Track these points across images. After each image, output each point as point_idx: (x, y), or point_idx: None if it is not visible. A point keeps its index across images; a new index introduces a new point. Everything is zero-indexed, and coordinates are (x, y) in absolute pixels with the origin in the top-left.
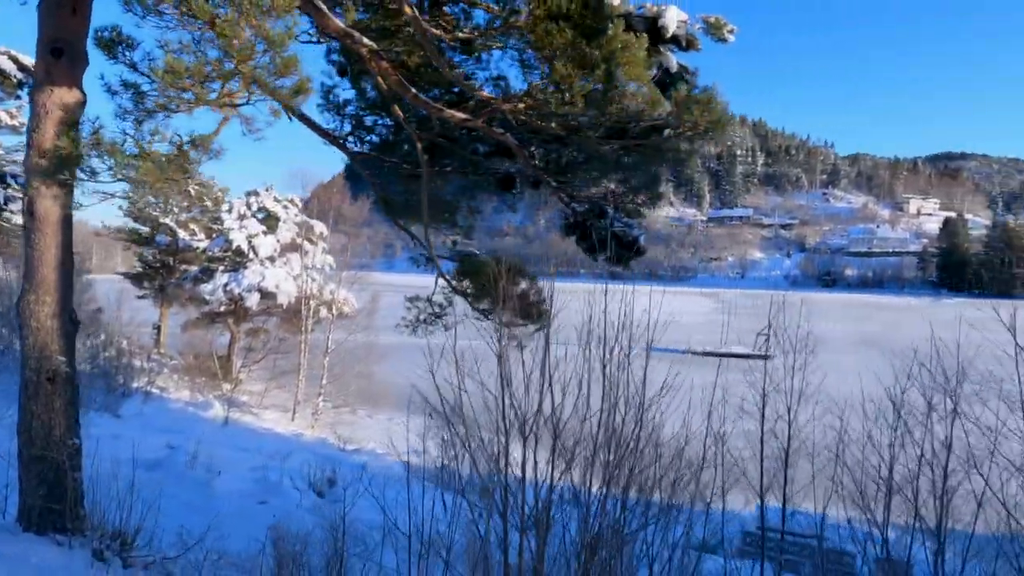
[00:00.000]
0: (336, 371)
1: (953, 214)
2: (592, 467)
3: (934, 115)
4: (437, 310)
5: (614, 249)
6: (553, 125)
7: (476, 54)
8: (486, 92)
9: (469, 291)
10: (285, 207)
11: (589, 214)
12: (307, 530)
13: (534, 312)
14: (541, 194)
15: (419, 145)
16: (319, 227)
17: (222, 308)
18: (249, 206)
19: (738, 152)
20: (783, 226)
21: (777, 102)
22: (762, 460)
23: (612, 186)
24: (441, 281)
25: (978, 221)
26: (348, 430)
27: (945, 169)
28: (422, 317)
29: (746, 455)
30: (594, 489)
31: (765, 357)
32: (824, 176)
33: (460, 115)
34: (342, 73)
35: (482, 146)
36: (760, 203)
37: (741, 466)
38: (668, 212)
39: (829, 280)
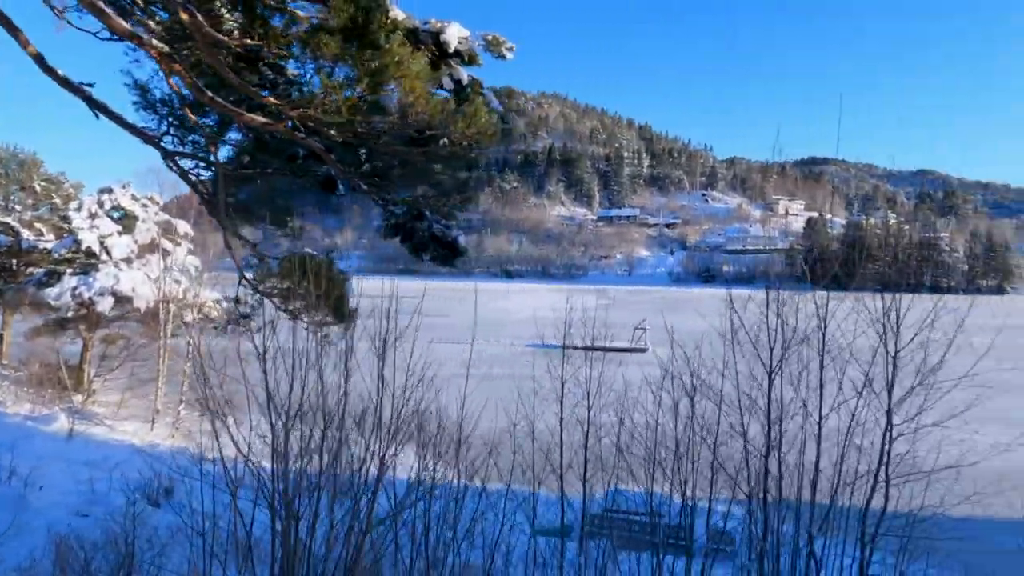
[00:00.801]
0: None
1: (815, 214)
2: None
3: (799, 122)
4: (247, 311)
5: (437, 249)
6: (333, 132)
7: (275, 61)
8: (284, 98)
9: (275, 292)
10: (144, 206)
11: (407, 216)
12: (100, 538)
13: (343, 312)
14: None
15: (213, 147)
16: (183, 226)
17: (71, 314)
18: (102, 204)
19: (625, 154)
20: (667, 225)
21: (662, 107)
22: (561, 444)
23: (424, 190)
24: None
25: (836, 221)
26: (211, 438)
27: (809, 173)
28: (230, 318)
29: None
30: (365, 472)
31: (641, 350)
32: (704, 178)
33: (260, 119)
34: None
35: (302, 149)
36: (646, 203)
37: (545, 451)
38: (560, 211)
39: (708, 276)
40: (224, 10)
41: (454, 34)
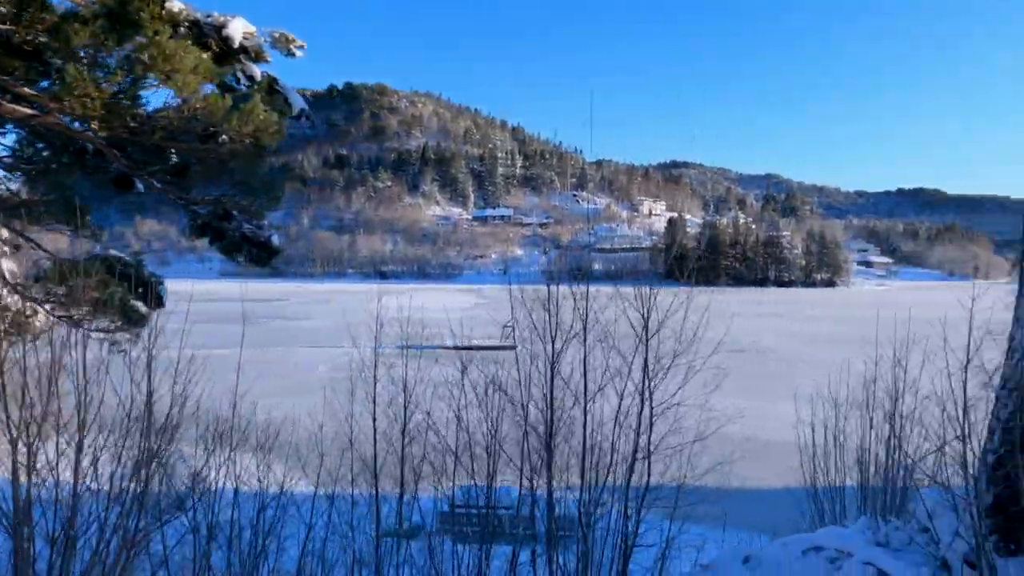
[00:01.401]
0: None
1: (675, 214)
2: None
3: (661, 127)
4: (20, 319)
5: (251, 250)
6: (95, 126)
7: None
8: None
9: (49, 297)
10: None
11: (212, 216)
12: None
13: (134, 315)
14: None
15: None
16: None
17: None
18: None
19: (499, 155)
20: (540, 225)
21: (534, 110)
22: (375, 441)
23: (227, 189)
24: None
25: (694, 221)
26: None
27: (670, 176)
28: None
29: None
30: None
31: (511, 347)
32: (574, 179)
33: (24, 111)
34: None
35: (91, 144)
36: (520, 203)
37: (360, 450)
38: (435, 211)
39: (580, 274)
40: None
41: (238, 29)
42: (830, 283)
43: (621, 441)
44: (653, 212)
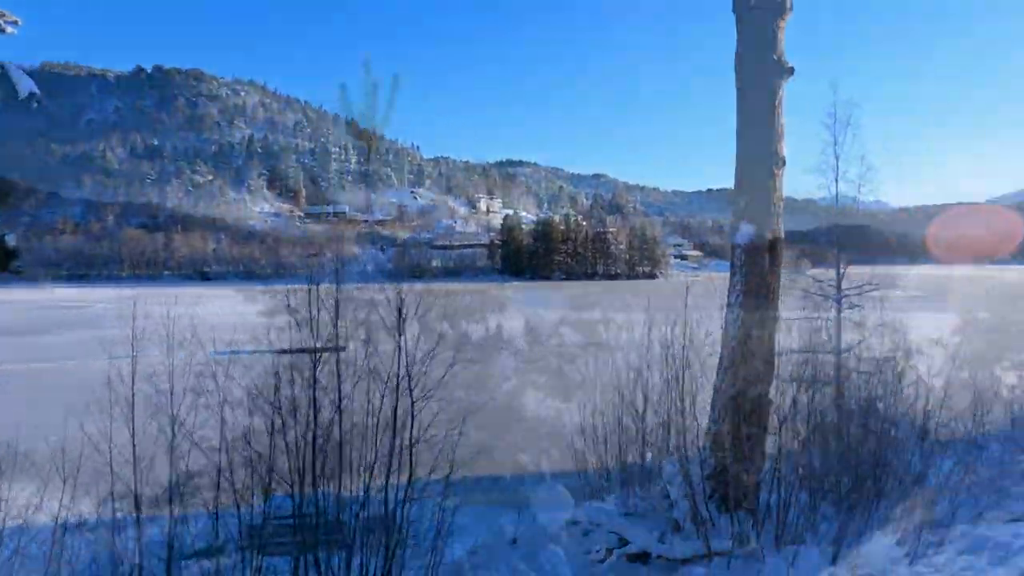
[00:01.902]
0: None
1: (512, 212)
2: None
3: (498, 126)
4: None
5: None
6: None
7: None
8: None
9: None
10: None
11: None
12: None
13: None
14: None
15: None
16: None
17: None
18: None
19: (333, 149)
20: (378, 222)
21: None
22: (135, 460)
23: None
24: None
25: (529, 218)
26: None
27: (507, 174)
28: None
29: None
30: None
31: (340, 349)
32: (412, 176)
33: None
34: None
35: None
36: (356, 200)
37: (120, 471)
38: (263, 208)
39: (419, 271)
40: None
41: None
42: (651, 275)
43: (385, 438)
44: (491, 209)
